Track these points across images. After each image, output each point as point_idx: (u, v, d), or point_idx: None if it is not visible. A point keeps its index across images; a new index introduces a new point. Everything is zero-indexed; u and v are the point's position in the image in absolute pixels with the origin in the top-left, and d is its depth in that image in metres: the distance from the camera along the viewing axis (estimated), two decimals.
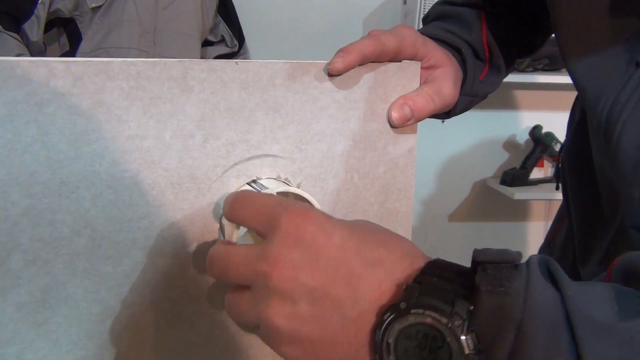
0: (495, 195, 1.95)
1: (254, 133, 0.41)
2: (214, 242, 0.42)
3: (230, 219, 0.34)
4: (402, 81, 0.46)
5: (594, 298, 0.26)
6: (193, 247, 0.41)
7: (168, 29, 1.51)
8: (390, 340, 0.27)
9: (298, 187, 0.44)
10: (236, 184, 0.42)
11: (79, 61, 0.35)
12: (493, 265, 0.27)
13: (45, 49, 1.56)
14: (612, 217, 0.55)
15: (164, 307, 0.41)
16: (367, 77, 0.45)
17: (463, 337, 0.26)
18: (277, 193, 0.37)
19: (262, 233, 0.31)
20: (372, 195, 0.48)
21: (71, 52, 1.50)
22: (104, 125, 0.36)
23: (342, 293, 0.28)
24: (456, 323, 0.26)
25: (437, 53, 0.50)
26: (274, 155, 0.43)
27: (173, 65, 0.37)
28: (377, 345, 0.28)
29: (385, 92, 0.46)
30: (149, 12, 1.48)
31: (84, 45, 1.45)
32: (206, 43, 1.70)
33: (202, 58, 1.66)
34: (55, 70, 0.34)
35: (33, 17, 1.43)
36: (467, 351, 0.26)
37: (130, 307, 0.39)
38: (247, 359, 0.45)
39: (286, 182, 0.44)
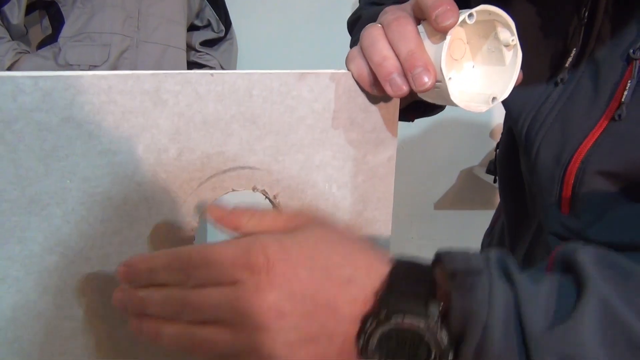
0: (481, 184, 1.96)
1: (230, 145, 0.41)
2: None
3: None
4: None
5: (540, 296, 0.30)
6: None
7: (152, 13, 1.48)
8: (374, 343, 0.30)
9: (275, 198, 0.44)
10: (212, 196, 0.41)
11: (48, 76, 0.34)
12: (460, 273, 0.31)
13: (27, 32, 1.53)
14: (533, 218, 0.58)
15: None
16: (346, 87, 0.44)
17: (442, 335, 0.30)
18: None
19: (231, 283, 0.31)
20: (351, 205, 0.47)
21: (53, 36, 1.47)
22: (75, 141, 0.35)
23: (323, 316, 0.31)
24: (431, 324, 0.30)
25: None
26: (250, 167, 0.42)
27: (146, 78, 0.37)
28: (361, 349, 0.31)
29: (364, 102, 0.45)
30: None
31: (66, 30, 1.41)
32: (192, 28, 1.67)
33: (187, 43, 1.63)
34: (22, 85, 0.33)
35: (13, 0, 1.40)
36: (443, 346, 0.30)
37: (104, 322, 0.39)
38: None
39: (264, 193, 0.44)
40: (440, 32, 0.38)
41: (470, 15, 0.38)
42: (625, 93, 0.43)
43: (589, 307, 0.29)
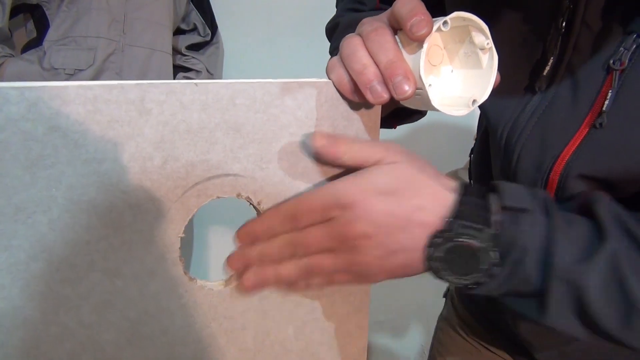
0: None
1: (214, 153, 0.42)
2: (173, 262, 0.42)
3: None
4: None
5: (569, 239, 0.40)
6: (153, 267, 0.41)
7: (138, 17, 1.48)
8: (439, 254, 0.40)
9: (259, 204, 0.45)
10: (196, 204, 0.42)
11: (33, 87, 0.34)
12: (513, 208, 0.40)
13: (12, 35, 1.52)
14: None
15: (124, 327, 0.41)
16: (328, 95, 0.45)
17: (491, 253, 0.40)
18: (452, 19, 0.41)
19: (328, 218, 0.41)
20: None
21: (38, 39, 1.46)
22: (61, 150, 0.36)
23: (400, 235, 0.41)
24: (487, 245, 0.40)
25: None
26: (234, 175, 0.43)
27: (130, 88, 0.37)
28: (428, 257, 0.41)
29: (346, 110, 0.46)
30: None
31: (51, 33, 1.41)
32: (178, 31, 1.67)
33: (173, 47, 1.63)
34: (8, 96, 0.34)
35: None
36: (492, 261, 0.40)
37: (89, 328, 0.40)
38: None
39: (248, 199, 0.44)
40: (415, 42, 0.40)
41: (445, 23, 0.40)
42: (606, 102, 0.45)
43: (602, 259, 0.38)
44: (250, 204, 0.45)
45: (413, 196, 0.41)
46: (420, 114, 0.61)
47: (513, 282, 0.41)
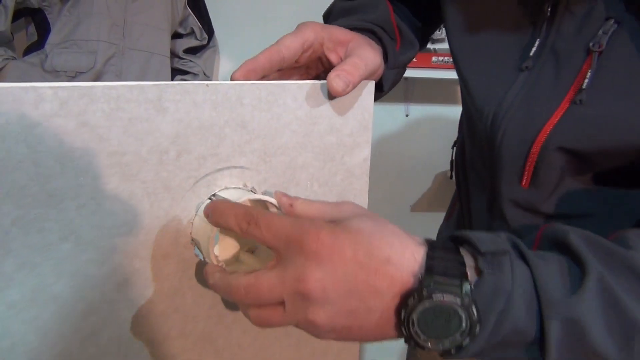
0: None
1: (223, 147, 0.46)
2: (185, 246, 0.46)
3: (246, 233, 0.39)
4: (357, 98, 0.51)
5: (551, 274, 0.37)
6: (167, 250, 0.45)
7: (138, 21, 1.52)
8: (414, 317, 0.36)
9: (263, 194, 0.49)
10: (207, 192, 0.46)
11: (65, 86, 0.39)
12: (490, 253, 0.38)
13: (13, 38, 1.56)
14: (485, 194, 0.64)
15: (141, 304, 0.45)
16: (326, 96, 0.49)
17: (472, 309, 0.36)
18: (250, 201, 0.44)
19: (280, 253, 0.38)
20: (330, 201, 0.53)
21: (39, 43, 1.50)
22: (88, 144, 0.40)
23: (363, 292, 0.36)
24: (466, 300, 0.35)
25: (341, 32, 0.55)
26: (241, 167, 0.47)
27: (149, 89, 0.42)
28: (402, 321, 0.36)
29: (342, 109, 0.51)
30: (118, 4, 1.49)
31: (52, 37, 1.45)
32: (176, 35, 1.71)
33: (171, 50, 1.68)
34: (44, 95, 0.38)
35: (0, 7, 1.43)
36: (473, 318, 0.36)
37: (110, 304, 0.44)
38: (216, 350, 0.50)
39: (252, 190, 0.49)
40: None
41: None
42: (586, 81, 0.49)
43: (590, 284, 0.36)
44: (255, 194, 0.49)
45: (382, 247, 0.37)
46: (381, 93, 0.64)
47: (500, 336, 0.36)
